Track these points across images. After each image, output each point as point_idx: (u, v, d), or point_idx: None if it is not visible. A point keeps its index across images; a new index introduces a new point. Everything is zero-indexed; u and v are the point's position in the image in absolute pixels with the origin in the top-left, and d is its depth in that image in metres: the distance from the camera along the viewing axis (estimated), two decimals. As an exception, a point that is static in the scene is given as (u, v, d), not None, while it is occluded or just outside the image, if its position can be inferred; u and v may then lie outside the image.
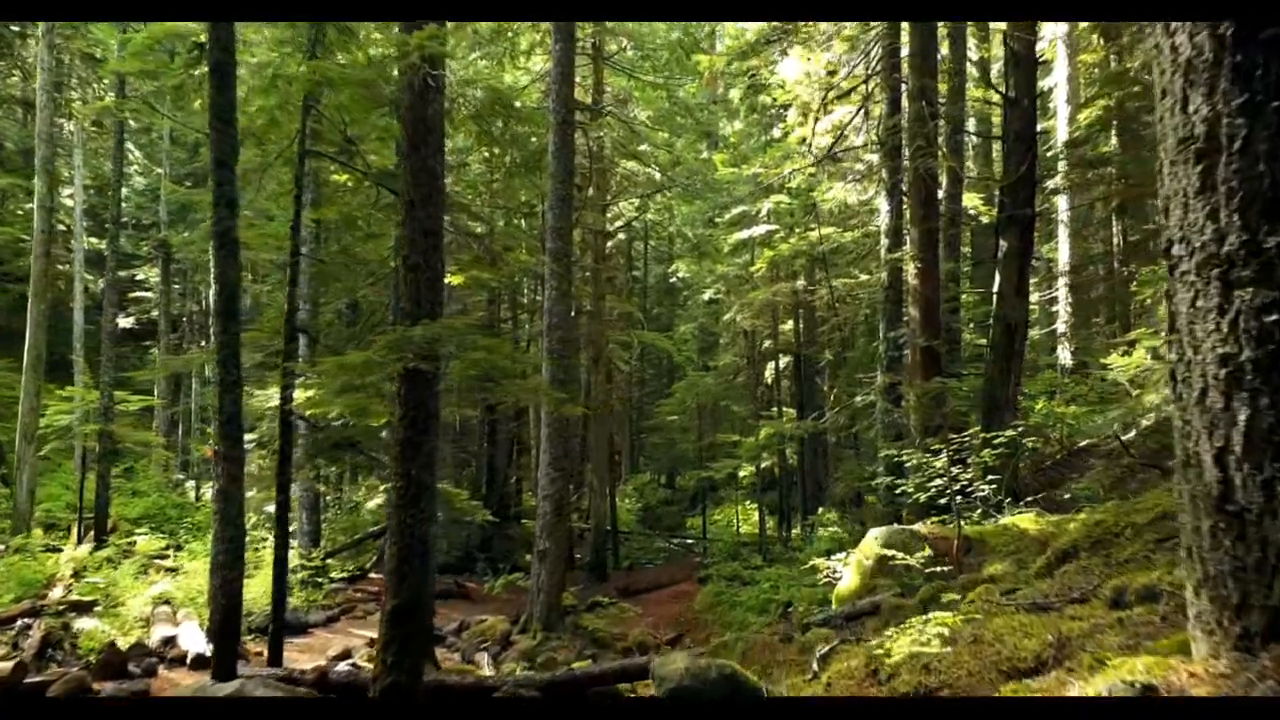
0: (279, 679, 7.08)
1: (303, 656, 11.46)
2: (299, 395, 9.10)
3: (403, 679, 6.15)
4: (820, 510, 26.15)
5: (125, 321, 31.34)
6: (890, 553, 7.92)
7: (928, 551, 7.83)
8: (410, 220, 6.57)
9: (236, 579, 7.57)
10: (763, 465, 25.52)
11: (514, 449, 25.22)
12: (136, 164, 35.54)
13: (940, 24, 13.36)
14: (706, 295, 26.02)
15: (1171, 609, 2.89)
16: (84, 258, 27.42)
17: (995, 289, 11.91)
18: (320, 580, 14.22)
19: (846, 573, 8.50)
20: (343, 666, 9.45)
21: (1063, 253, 22.72)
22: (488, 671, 11.15)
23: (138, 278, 33.25)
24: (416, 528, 6.36)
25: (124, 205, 35.58)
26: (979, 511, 8.83)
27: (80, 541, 18.31)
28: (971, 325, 19.57)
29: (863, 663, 3.74)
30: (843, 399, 19.72)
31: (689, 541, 26.89)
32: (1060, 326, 22.31)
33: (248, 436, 15.45)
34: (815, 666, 4.55)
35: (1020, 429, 8.48)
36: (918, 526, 8.29)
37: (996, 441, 8.15)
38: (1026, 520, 8.04)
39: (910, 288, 11.96)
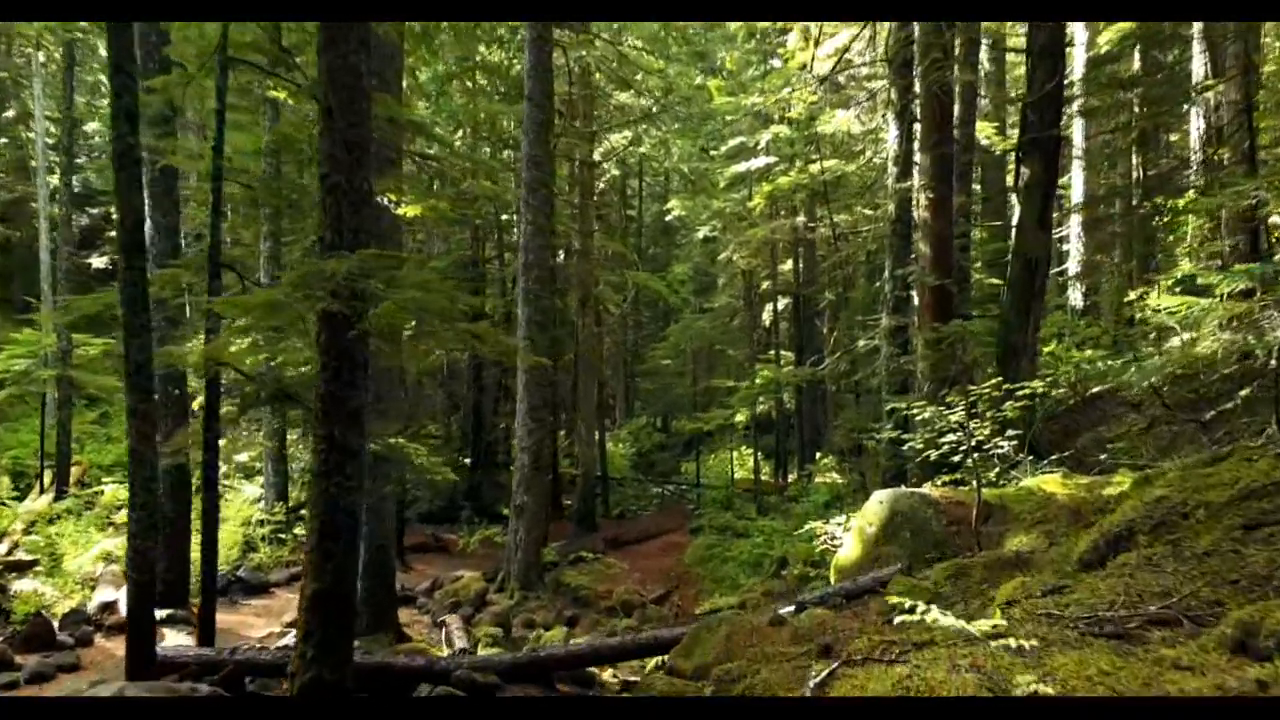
0: (191, 670, 6.20)
1: (258, 621, 10.66)
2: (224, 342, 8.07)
3: (326, 674, 5.23)
4: (818, 455, 25.37)
5: (99, 261, 30.15)
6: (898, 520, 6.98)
7: (942, 520, 6.89)
8: (329, 131, 5.44)
9: (151, 550, 6.63)
10: (759, 409, 24.65)
11: (500, 393, 24.26)
12: (108, 96, 33.69)
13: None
14: (701, 233, 24.77)
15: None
16: (51, 194, 25.98)
17: (1015, 221, 10.79)
18: (284, 536, 13.36)
19: (847, 539, 7.58)
20: (292, 639, 8.58)
21: (1076, 186, 21.48)
22: (458, 637, 10.35)
23: (113, 215, 31.73)
24: (342, 498, 5.37)
25: (95, 139, 33.95)
26: (995, 470, 7.88)
27: (43, 492, 17.49)
28: (980, 264, 18.46)
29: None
30: (843, 343, 18.68)
31: (683, 487, 26.17)
32: (1072, 266, 21.23)
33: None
34: (808, 695, 3.61)
35: (1048, 379, 7.46)
36: (928, 489, 7.34)
37: (1021, 393, 7.14)
38: (1052, 483, 7.08)
39: (920, 221, 10.84)
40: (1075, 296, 22.11)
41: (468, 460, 24.40)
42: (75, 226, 28.41)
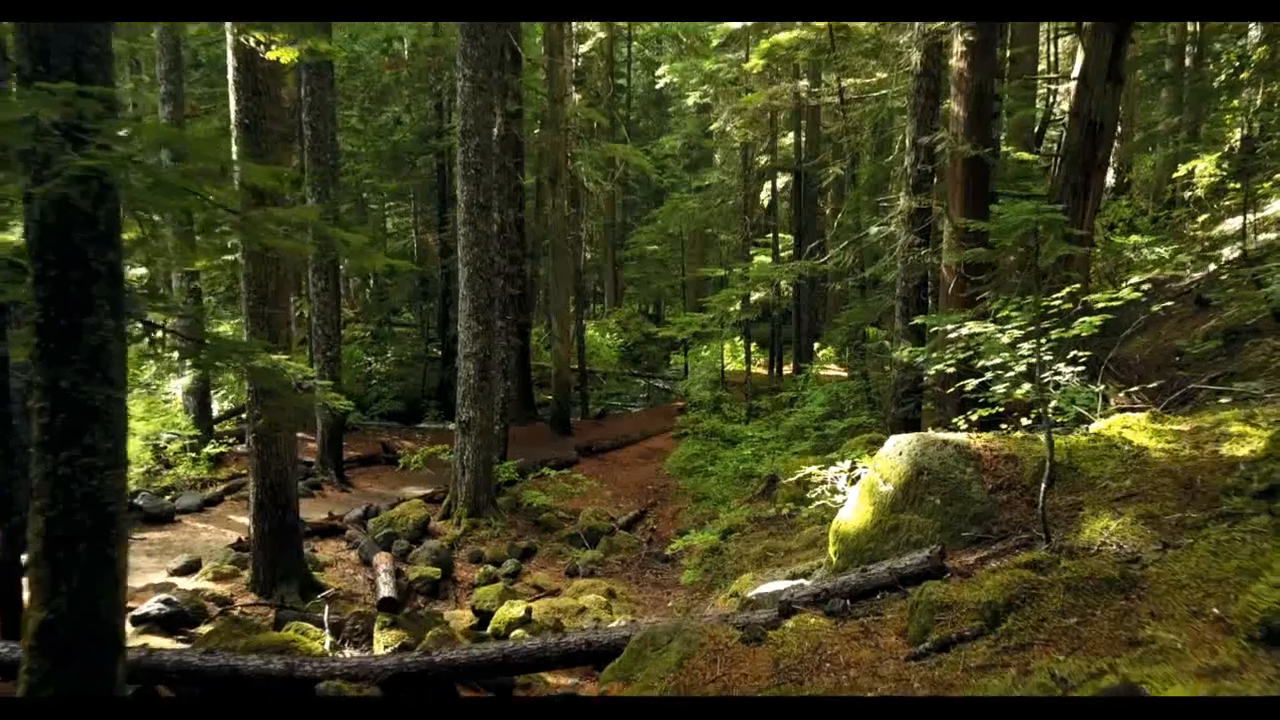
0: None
1: (147, 564, 8.96)
2: None
3: (67, 747, 3.47)
4: (816, 346, 23.56)
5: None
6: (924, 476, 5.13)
7: (985, 483, 5.02)
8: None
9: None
10: (754, 299, 22.65)
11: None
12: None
13: None
14: (691, 99, 22.08)
15: None
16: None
17: (1075, 72, 8.51)
18: (195, 455, 11.56)
19: (853, 496, 5.74)
20: (152, 604, 6.90)
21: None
22: (384, 583, 8.71)
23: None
24: (80, 482, 3.49)
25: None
26: (1049, 404, 5.96)
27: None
28: (1006, 134, 16.07)
29: None
30: (848, 226, 16.50)
31: (670, 383, 24.48)
32: (1107, 138, 18.72)
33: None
34: None
35: (1142, 284, 5.43)
36: (963, 435, 5.43)
37: (1101, 304, 5.15)
38: (1137, 427, 5.17)
39: (955, 73, 8.54)
40: (1108, 173, 19.82)
41: (439, 352, 22.45)
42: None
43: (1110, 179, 19.87)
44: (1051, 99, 18.06)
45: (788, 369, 22.48)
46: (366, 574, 9.37)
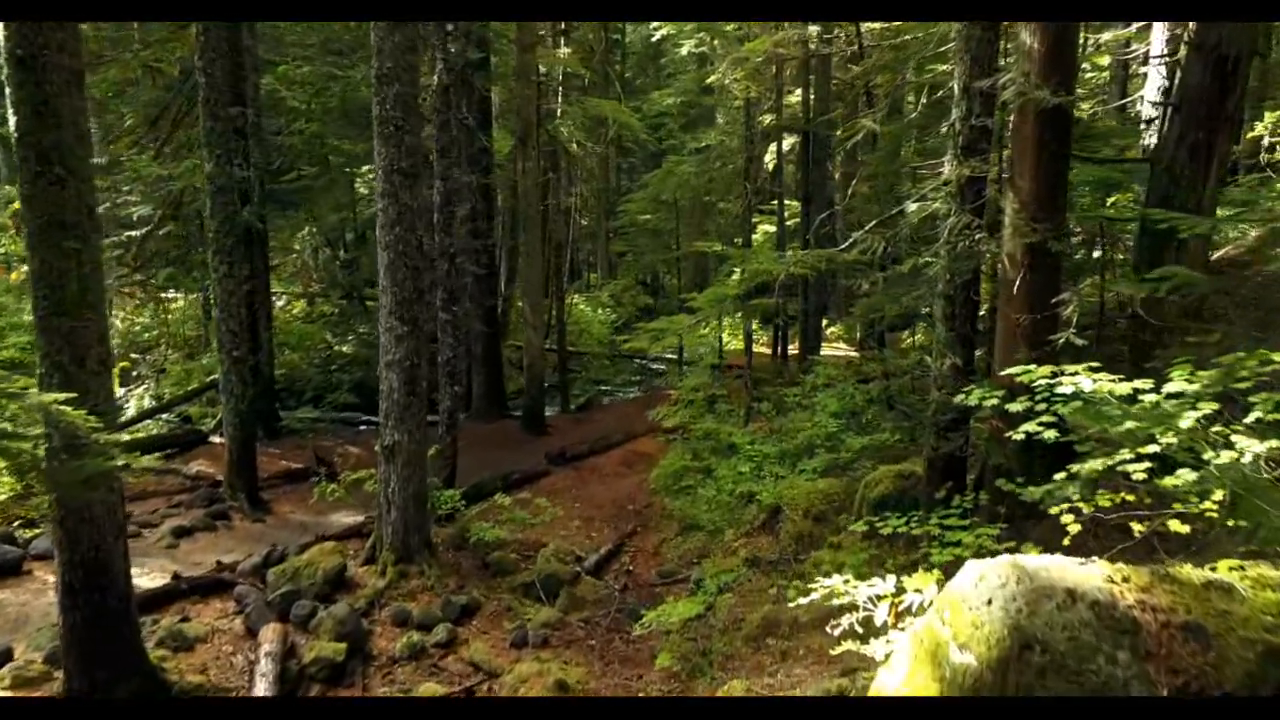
0: None
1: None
2: None
3: None
4: (824, 324, 21.36)
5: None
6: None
7: (1153, 676, 2.86)
8: None
9: None
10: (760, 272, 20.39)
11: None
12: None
13: None
14: (686, 48, 19.63)
15: None
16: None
17: (1196, -10, 6.22)
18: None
19: (902, 654, 3.57)
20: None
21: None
22: (263, 676, 6.67)
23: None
24: None
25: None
26: (1220, 490, 3.77)
27: None
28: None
29: None
30: (864, 196, 14.19)
31: (665, 364, 22.30)
32: (1150, 91, 16.28)
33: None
34: None
35: None
36: (1097, 576, 3.21)
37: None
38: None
39: (1027, -10, 6.23)
40: (1150, 134, 17.38)
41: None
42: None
43: (1153, 140, 17.48)
44: (1084, 42, 15.55)
45: (793, 348, 20.31)
46: (250, 651, 7.29)
